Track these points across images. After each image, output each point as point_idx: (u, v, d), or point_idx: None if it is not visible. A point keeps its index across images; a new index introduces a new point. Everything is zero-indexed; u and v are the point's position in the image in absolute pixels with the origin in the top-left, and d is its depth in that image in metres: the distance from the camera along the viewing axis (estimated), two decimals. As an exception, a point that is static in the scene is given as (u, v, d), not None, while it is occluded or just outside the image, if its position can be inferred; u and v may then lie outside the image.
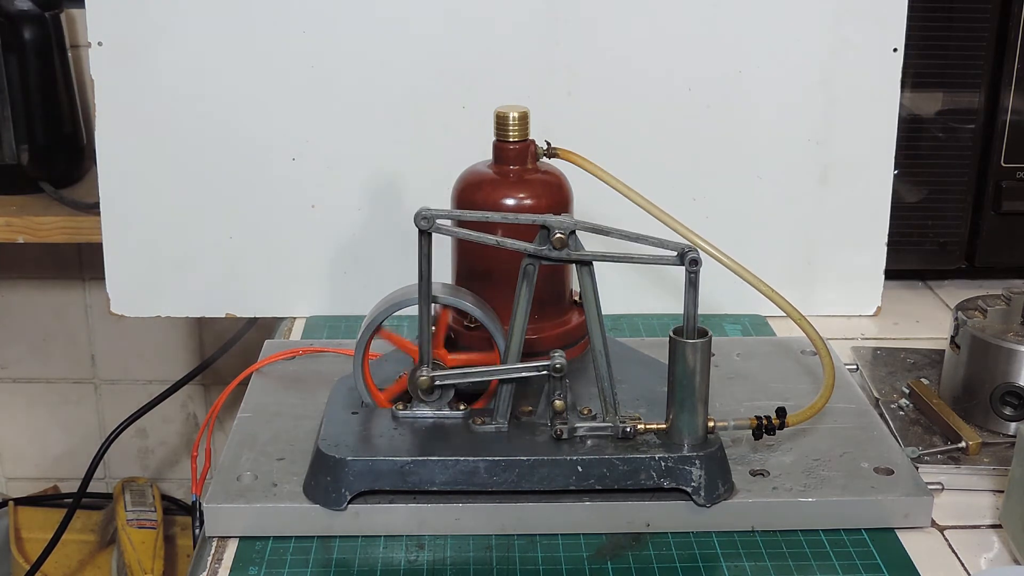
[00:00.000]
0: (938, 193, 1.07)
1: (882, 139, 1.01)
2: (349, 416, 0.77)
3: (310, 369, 0.89)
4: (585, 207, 0.83)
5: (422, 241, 0.72)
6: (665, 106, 1.00)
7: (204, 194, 1.00)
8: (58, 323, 1.70)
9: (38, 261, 1.66)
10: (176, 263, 1.02)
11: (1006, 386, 0.80)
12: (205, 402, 1.75)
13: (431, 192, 0.89)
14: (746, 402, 0.83)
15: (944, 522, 0.73)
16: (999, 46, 1.03)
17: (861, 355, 0.94)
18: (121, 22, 0.97)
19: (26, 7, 1.37)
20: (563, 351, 0.74)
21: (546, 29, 0.98)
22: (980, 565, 0.69)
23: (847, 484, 0.73)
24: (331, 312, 1.03)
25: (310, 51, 0.98)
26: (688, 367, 0.71)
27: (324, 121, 0.99)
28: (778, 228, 1.03)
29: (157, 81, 0.98)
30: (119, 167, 1.00)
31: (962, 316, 0.83)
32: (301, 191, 1.01)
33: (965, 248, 1.09)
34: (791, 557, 0.69)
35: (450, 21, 0.98)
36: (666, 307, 1.04)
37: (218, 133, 0.99)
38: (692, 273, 0.70)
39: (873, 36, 0.99)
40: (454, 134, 0.98)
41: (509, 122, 0.79)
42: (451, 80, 0.99)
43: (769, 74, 0.99)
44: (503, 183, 0.79)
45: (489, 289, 0.79)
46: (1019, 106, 1.04)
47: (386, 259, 1.01)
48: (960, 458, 0.77)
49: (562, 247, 0.72)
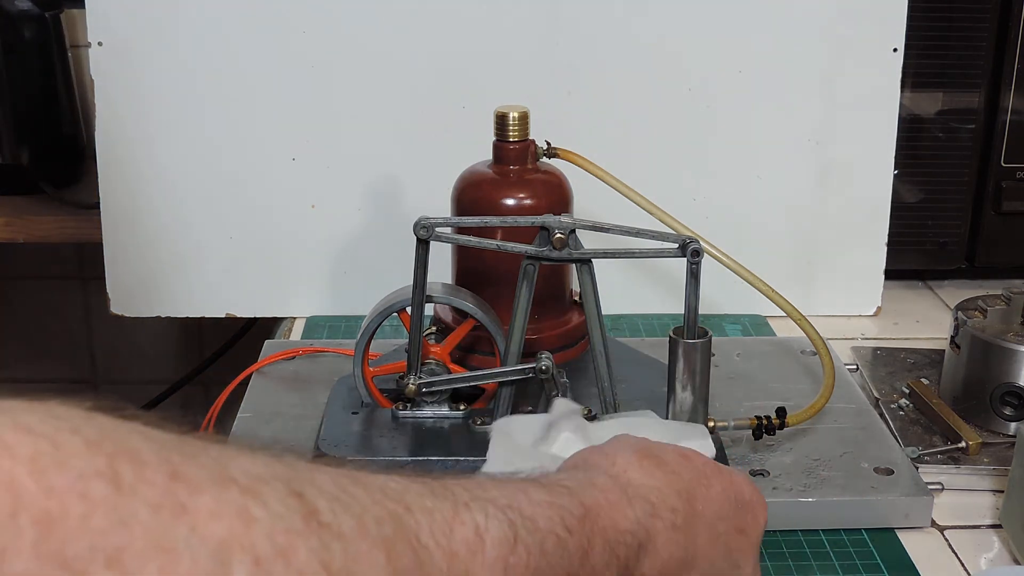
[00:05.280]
0: (938, 193, 1.07)
1: (882, 139, 1.01)
2: (349, 416, 0.77)
3: (310, 369, 0.89)
4: (585, 207, 0.83)
5: (419, 249, 0.72)
6: (665, 106, 1.00)
7: (204, 194, 1.00)
8: (58, 323, 1.70)
9: (38, 261, 1.66)
10: (176, 263, 1.02)
11: (1006, 386, 0.80)
12: (205, 402, 1.75)
13: (431, 192, 0.89)
14: (746, 402, 0.83)
15: (944, 522, 0.73)
16: (999, 46, 1.03)
17: (861, 355, 0.94)
18: (121, 22, 0.97)
19: (26, 7, 1.37)
20: (551, 353, 0.74)
21: (546, 29, 0.98)
22: (980, 565, 0.69)
23: (847, 484, 0.73)
24: (331, 312, 1.03)
25: (310, 51, 0.98)
26: (688, 367, 0.71)
27: (324, 121, 0.99)
28: (778, 228, 1.03)
29: (157, 81, 0.98)
30: (119, 167, 1.00)
31: (962, 316, 0.83)
32: (301, 191, 1.01)
33: (965, 248, 1.09)
34: (791, 557, 0.69)
35: (450, 21, 0.98)
36: (666, 307, 1.04)
37: (218, 133, 0.99)
38: (694, 264, 0.70)
39: (873, 36, 0.99)
40: (454, 134, 0.98)
41: (509, 122, 0.79)
42: (451, 80, 0.99)
43: (769, 74, 0.99)
44: (503, 183, 0.79)
45: (489, 289, 0.79)
46: (1019, 106, 1.04)
47: (386, 259, 1.01)
48: (960, 458, 0.77)
49: (562, 247, 0.72)
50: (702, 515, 0.53)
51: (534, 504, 0.46)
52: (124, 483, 0.32)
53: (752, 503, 0.56)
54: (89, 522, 0.31)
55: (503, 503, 0.44)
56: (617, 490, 0.50)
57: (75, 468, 0.31)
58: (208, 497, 0.34)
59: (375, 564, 0.37)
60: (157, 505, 0.32)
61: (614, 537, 0.48)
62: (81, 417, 0.34)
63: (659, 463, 0.53)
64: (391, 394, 0.78)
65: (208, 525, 0.33)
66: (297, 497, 0.36)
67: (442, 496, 0.42)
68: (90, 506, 0.31)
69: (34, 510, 0.30)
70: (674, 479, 0.53)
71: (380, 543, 0.38)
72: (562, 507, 0.47)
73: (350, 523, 0.37)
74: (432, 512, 0.41)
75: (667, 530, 0.51)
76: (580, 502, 0.48)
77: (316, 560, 0.35)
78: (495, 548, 0.42)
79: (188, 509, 0.33)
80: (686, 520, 0.52)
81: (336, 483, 0.39)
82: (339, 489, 0.38)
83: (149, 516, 0.32)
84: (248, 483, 0.35)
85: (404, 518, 0.40)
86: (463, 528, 0.42)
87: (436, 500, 0.42)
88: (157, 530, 0.32)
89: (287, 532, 0.35)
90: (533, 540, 0.44)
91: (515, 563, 0.43)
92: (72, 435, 0.32)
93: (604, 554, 0.48)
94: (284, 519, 0.35)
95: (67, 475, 0.31)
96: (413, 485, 0.42)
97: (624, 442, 0.56)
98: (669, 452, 0.55)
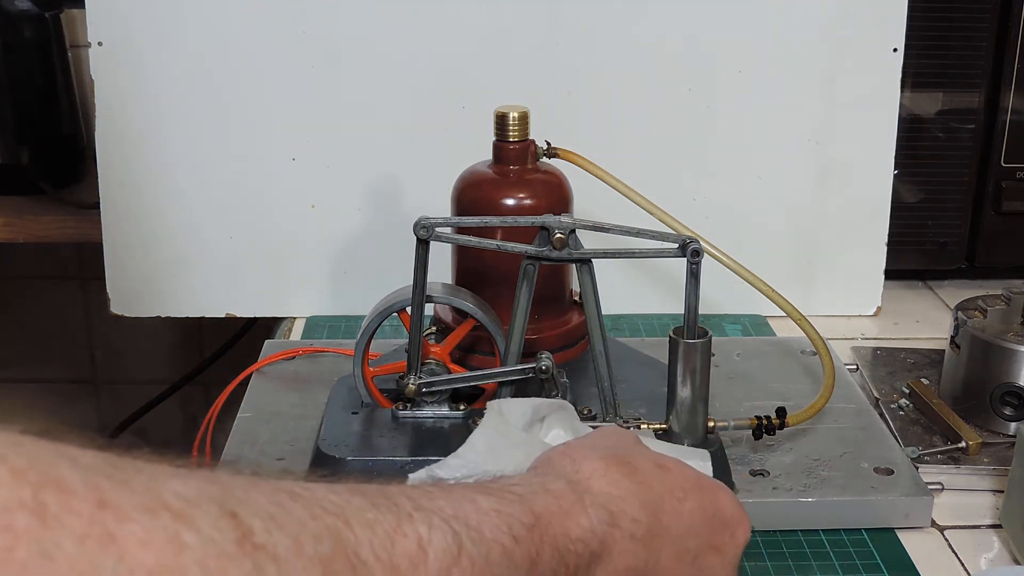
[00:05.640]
0: (938, 193, 1.07)
1: (882, 139, 1.01)
2: (349, 416, 0.77)
3: (310, 369, 0.89)
4: (585, 207, 0.83)
5: (419, 249, 0.72)
6: (665, 106, 1.00)
7: (204, 194, 1.00)
8: (58, 323, 1.70)
9: (38, 261, 1.66)
10: (176, 263, 1.02)
11: (1006, 386, 0.80)
12: (205, 402, 1.75)
13: (431, 192, 0.89)
14: (746, 402, 0.83)
15: (944, 522, 0.73)
16: (999, 46, 1.03)
17: (861, 355, 0.94)
18: (121, 22, 0.97)
19: (26, 7, 1.37)
20: (551, 353, 0.74)
21: (546, 29, 0.98)
22: (980, 565, 0.69)
23: (847, 484, 0.73)
24: (331, 312, 1.03)
25: (310, 51, 0.98)
26: (688, 367, 0.71)
27: (324, 121, 0.99)
28: (778, 228, 1.03)
29: (157, 81, 0.98)
30: (119, 167, 1.00)
31: (962, 316, 0.83)
32: (301, 191, 1.01)
33: (965, 248, 1.09)
34: (791, 557, 0.69)
35: (450, 21, 0.98)
36: (666, 307, 1.04)
37: (218, 133, 0.99)
38: (694, 264, 0.70)
39: (873, 36, 0.99)
40: (454, 134, 0.98)
41: (509, 122, 0.79)
42: (451, 80, 0.99)
43: (769, 74, 0.99)
44: (503, 183, 0.79)
45: (489, 289, 0.79)
46: (1019, 106, 1.04)
47: (386, 259, 1.01)
48: (960, 458, 0.77)
49: (562, 247, 0.72)
50: (668, 529, 0.52)
51: (481, 513, 0.45)
52: (49, 514, 0.31)
53: (731, 520, 0.55)
54: (13, 555, 0.30)
55: (448, 513, 0.44)
56: (572, 497, 0.50)
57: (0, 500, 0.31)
58: (137, 525, 0.33)
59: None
60: (83, 535, 0.32)
61: (564, 545, 0.48)
62: (9, 443, 0.33)
63: (629, 471, 0.53)
64: (391, 394, 0.78)
65: (137, 554, 0.32)
66: (231, 518, 0.36)
67: (384, 508, 0.42)
68: (13, 539, 0.30)
69: None
70: (641, 489, 0.52)
71: (317, 562, 0.37)
72: (510, 515, 0.46)
73: (285, 543, 0.37)
74: (373, 525, 0.41)
75: (624, 540, 0.50)
76: (530, 510, 0.47)
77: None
78: (438, 560, 0.42)
79: (116, 538, 0.32)
80: (649, 532, 0.51)
81: (272, 500, 0.38)
82: (275, 506, 0.38)
83: (74, 547, 0.31)
84: (180, 507, 0.35)
85: (343, 533, 0.39)
86: (405, 541, 0.41)
87: (378, 512, 0.41)
88: (82, 561, 0.31)
89: (219, 556, 0.34)
90: (478, 551, 0.44)
91: (459, 575, 0.42)
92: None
93: (552, 562, 0.47)
94: (216, 543, 0.34)
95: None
96: (354, 498, 0.42)
97: (597, 445, 0.55)
98: (644, 461, 0.54)
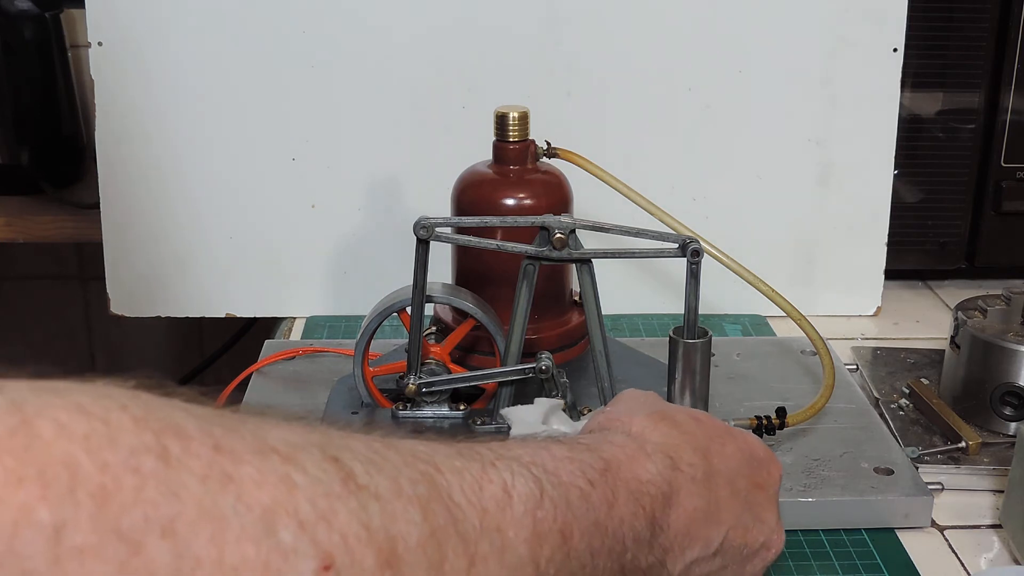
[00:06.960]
0: (938, 193, 1.07)
1: (882, 139, 1.01)
2: (349, 416, 0.77)
3: (310, 369, 0.89)
4: (585, 207, 0.83)
5: (419, 249, 0.72)
6: (665, 106, 1.00)
7: (204, 194, 1.00)
8: (58, 323, 1.70)
9: (38, 261, 1.66)
10: (176, 263, 1.02)
11: (1006, 386, 0.80)
12: (205, 402, 1.75)
13: (431, 192, 0.89)
14: (746, 402, 0.83)
15: (944, 522, 0.73)
16: (999, 46, 1.03)
17: (861, 355, 0.94)
18: (121, 22, 0.97)
19: (26, 7, 1.37)
20: (551, 353, 0.74)
21: (546, 29, 0.98)
22: (980, 565, 0.69)
23: (847, 484, 0.73)
24: (331, 312, 1.03)
25: (310, 51, 0.98)
26: (688, 367, 0.71)
27: (324, 121, 0.99)
28: (778, 228, 1.03)
29: (157, 81, 0.98)
30: (119, 167, 1.00)
31: (962, 316, 0.83)
32: (301, 191, 1.01)
33: (965, 248, 1.09)
34: (791, 557, 0.69)
35: (450, 21, 0.98)
36: (666, 307, 1.04)
37: (218, 133, 0.99)
38: (694, 264, 0.70)
39: (873, 36, 0.99)
40: (454, 134, 0.98)
41: (509, 122, 0.79)
42: (451, 80, 0.99)
43: (769, 74, 0.99)
44: (503, 183, 0.79)
45: (489, 289, 0.79)
46: (1019, 106, 1.04)
47: (386, 259, 1.01)
48: (960, 458, 0.77)
49: (562, 247, 0.72)
50: (719, 471, 0.55)
51: (556, 460, 0.48)
52: (172, 457, 0.33)
53: (765, 460, 0.58)
54: (142, 494, 0.32)
55: (527, 460, 0.46)
56: (635, 446, 0.52)
57: (126, 444, 0.33)
58: (251, 467, 0.35)
59: (412, 522, 0.38)
60: (204, 476, 0.34)
61: (637, 488, 0.50)
62: (127, 396, 0.35)
63: (673, 423, 0.55)
64: (391, 394, 0.78)
65: (253, 493, 0.34)
66: (334, 462, 0.38)
67: (469, 456, 0.44)
68: (142, 479, 0.32)
69: (90, 485, 0.31)
70: (689, 437, 0.55)
71: (415, 502, 0.39)
72: (583, 461, 0.49)
73: (386, 484, 0.39)
74: (461, 472, 0.43)
75: (688, 483, 0.53)
76: (600, 456, 0.50)
77: (356, 521, 0.36)
78: (523, 503, 0.44)
79: (233, 478, 0.34)
80: (706, 474, 0.54)
81: (369, 447, 0.40)
82: (372, 452, 0.40)
83: (198, 486, 0.33)
84: (287, 451, 0.36)
85: (436, 478, 0.41)
86: (492, 486, 0.43)
87: (464, 460, 0.44)
88: (206, 499, 0.33)
89: (327, 495, 0.36)
90: (558, 494, 0.46)
91: (543, 517, 0.44)
92: (121, 413, 0.33)
93: (630, 504, 0.49)
94: (323, 483, 0.36)
95: (119, 451, 0.32)
96: (441, 447, 0.44)
97: (632, 407, 0.57)
98: (681, 414, 0.57)
